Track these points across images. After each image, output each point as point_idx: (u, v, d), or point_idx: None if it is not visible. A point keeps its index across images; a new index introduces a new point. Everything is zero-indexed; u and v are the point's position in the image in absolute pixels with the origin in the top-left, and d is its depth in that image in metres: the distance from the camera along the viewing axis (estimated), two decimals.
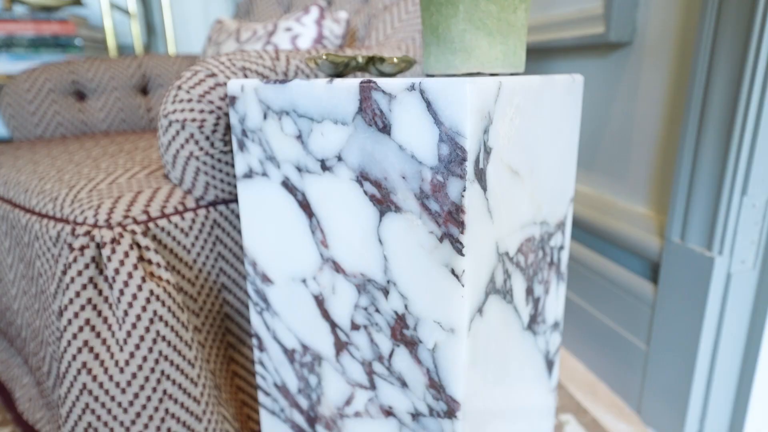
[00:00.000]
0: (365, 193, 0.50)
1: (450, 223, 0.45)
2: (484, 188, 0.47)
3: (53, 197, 0.70)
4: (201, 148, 0.69)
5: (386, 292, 0.52)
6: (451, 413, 0.51)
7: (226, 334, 0.80)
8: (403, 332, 0.52)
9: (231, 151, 0.72)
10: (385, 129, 0.47)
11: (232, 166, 0.73)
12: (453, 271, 0.46)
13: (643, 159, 0.93)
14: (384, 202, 0.49)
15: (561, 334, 0.76)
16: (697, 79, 0.74)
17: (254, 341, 0.69)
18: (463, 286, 0.46)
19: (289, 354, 0.65)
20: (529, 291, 0.62)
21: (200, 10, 2.17)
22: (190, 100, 0.68)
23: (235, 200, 0.76)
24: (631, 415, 0.95)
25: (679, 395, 0.84)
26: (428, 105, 0.44)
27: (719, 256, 0.74)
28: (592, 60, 1.06)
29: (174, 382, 0.65)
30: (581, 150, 1.11)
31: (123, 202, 0.67)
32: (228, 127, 0.71)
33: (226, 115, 0.70)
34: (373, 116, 0.48)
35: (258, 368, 0.70)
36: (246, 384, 0.84)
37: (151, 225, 0.67)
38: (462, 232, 0.45)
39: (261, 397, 0.71)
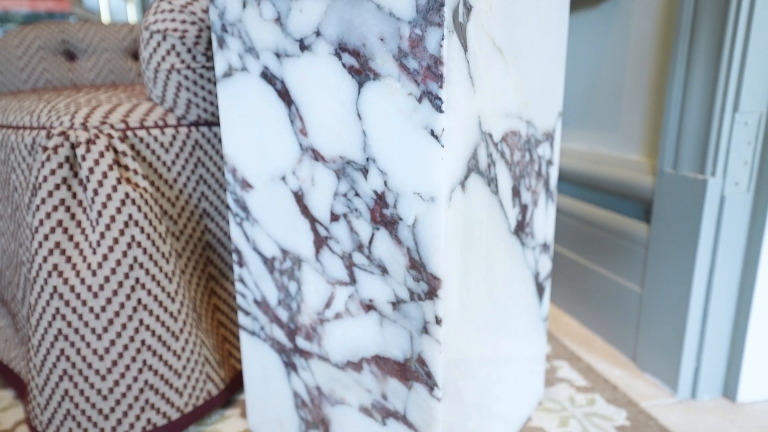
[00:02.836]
0: (344, 65, 0.49)
1: (429, 78, 0.44)
2: (465, 47, 0.45)
3: (30, 111, 0.68)
4: (182, 61, 0.68)
5: (365, 172, 0.50)
6: (432, 293, 0.48)
7: (208, 265, 0.78)
8: (383, 212, 0.50)
9: (213, 67, 0.71)
10: None
11: (215, 84, 0.72)
12: (432, 132, 0.45)
13: (636, 106, 0.92)
14: (362, 72, 0.48)
15: (551, 261, 0.74)
16: None
17: (234, 257, 0.67)
18: (442, 146, 0.45)
19: (269, 263, 0.63)
20: (516, 192, 0.60)
21: None
22: (171, 11, 0.67)
23: (218, 123, 0.75)
24: (627, 362, 0.93)
25: (674, 334, 0.81)
26: None
27: (712, 178, 0.73)
28: (582, 13, 1.05)
29: (149, 292, 0.63)
30: (572, 108, 1.10)
31: (101, 110, 0.65)
32: (210, 43, 0.69)
33: (208, 28, 0.69)
34: None
35: (238, 286, 0.68)
36: (228, 320, 0.81)
37: (129, 133, 0.65)
38: (441, 87, 0.43)
39: (241, 318, 0.69)
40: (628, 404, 0.79)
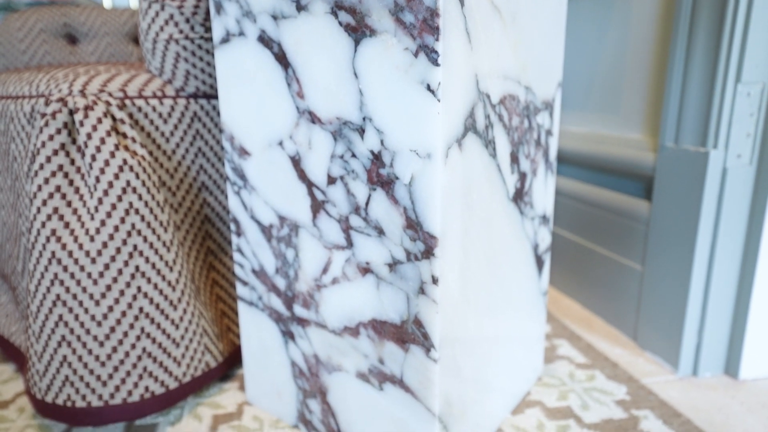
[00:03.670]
0: (340, 24, 0.49)
1: (425, 32, 0.43)
2: (461, 1, 0.45)
3: (29, 81, 0.68)
4: (181, 31, 0.68)
5: (362, 132, 0.50)
6: (428, 252, 0.48)
7: (207, 239, 0.78)
8: (379, 172, 0.50)
9: (211, 39, 0.71)
10: None
11: (213, 55, 0.72)
12: (428, 87, 0.44)
13: (637, 85, 0.91)
14: (359, 29, 0.47)
15: (550, 234, 0.73)
16: None
17: (232, 227, 0.67)
18: (438, 101, 0.44)
19: (267, 231, 0.62)
20: (514, 158, 0.60)
21: None
22: None
23: (216, 96, 0.75)
24: (628, 342, 0.92)
25: (675, 311, 0.81)
26: None
27: (714, 150, 0.72)
28: None
29: (147, 260, 0.63)
30: (573, 91, 1.09)
31: (99, 78, 0.65)
32: (208, 13, 0.69)
33: None
34: None
35: (236, 256, 0.68)
36: (226, 295, 0.81)
37: (127, 102, 0.65)
38: (437, 40, 0.43)
39: (239, 288, 0.69)
40: (628, 380, 0.78)
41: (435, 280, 0.49)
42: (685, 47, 0.74)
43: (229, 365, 0.78)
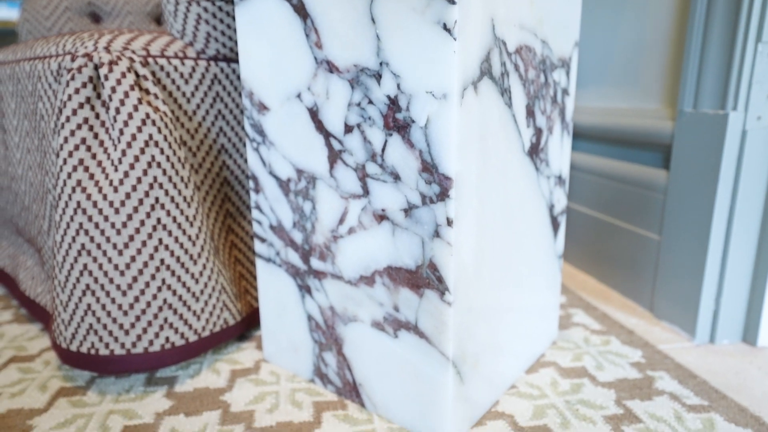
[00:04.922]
0: None
1: None
2: None
3: (56, 42, 0.71)
4: None
5: (379, 77, 0.51)
6: (443, 194, 0.49)
7: (225, 202, 0.79)
8: (395, 117, 0.50)
9: (232, 1, 0.72)
10: None
11: (233, 18, 0.73)
12: (445, 26, 0.45)
13: (656, 54, 0.91)
14: None
15: (566, 196, 0.73)
16: None
17: (250, 184, 0.68)
18: (455, 39, 0.45)
19: (284, 186, 0.64)
20: (530, 112, 0.60)
21: None
22: None
23: (236, 60, 0.76)
24: (644, 313, 0.92)
25: (692, 278, 0.80)
26: None
27: (733, 112, 0.71)
28: None
29: (168, 213, 0.65)
30: (592, 68, 1.08)
31: (123, 37, 0.67)
32: None
33: None
34: None
35: (254, 213, 0.69)
36: (244, 258, 0.82)
37: (150, 60, 0.67)
38: None
39: (257, 246, 0.70)
40: (644, 346, 0.78)
41: (450, 222, 0.49)
42: (705, 6, 0.74)
43: (246, 326, 0.79)
